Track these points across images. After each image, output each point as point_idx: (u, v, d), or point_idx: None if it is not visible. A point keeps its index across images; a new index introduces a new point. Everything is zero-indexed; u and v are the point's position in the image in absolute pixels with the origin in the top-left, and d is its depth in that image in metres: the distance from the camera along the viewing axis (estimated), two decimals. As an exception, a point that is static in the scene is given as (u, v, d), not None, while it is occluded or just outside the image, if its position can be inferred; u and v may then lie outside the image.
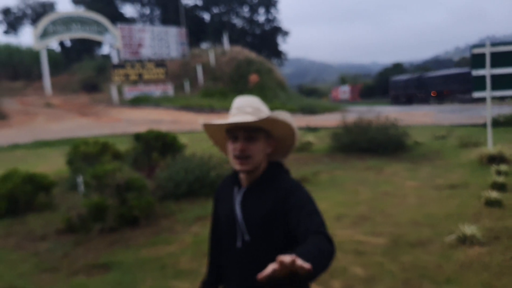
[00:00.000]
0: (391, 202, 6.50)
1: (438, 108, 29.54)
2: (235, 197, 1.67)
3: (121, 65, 32.84)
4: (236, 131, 1.60)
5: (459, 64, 67.48)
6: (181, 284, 4.10)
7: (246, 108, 1.62)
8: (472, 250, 4.38)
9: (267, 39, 55.52)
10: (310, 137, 13.08)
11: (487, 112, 9.47)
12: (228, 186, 1.75)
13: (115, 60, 33.85)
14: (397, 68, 68.39)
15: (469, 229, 4.66)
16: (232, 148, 1.62)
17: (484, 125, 11.94)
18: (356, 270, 4.15)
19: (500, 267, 3.95)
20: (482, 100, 9.63)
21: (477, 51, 9.20)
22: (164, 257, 4.83)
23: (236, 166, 1.61)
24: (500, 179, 6.78)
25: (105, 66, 37.25)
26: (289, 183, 1.64)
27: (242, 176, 1.68)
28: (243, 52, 39.23)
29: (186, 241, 5.31)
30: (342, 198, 6.90)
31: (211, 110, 28.00)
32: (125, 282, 4.23)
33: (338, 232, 5.26)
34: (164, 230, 5.83)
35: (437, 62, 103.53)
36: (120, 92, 31.67)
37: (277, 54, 57.05)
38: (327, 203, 6.59)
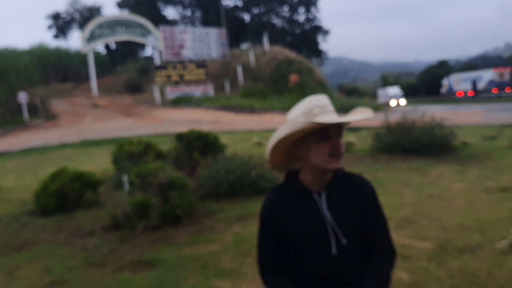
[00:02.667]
0: (437, 205, 6.27)
1: (487, 107, 28.38)
2: (318, 204, 1.60)
3: (163, 66, 33.49)
4: (331, 130, 1.55)
5: (510, 60, 64.66)
6: (222, 283, 4.10)
7: (329, 107, 1.59)
8: (527, 257, 4.15)
9: (307, 39, 55.16)
10: (351, 138, 12.85)
11: (541, 111, 8.98)
12: (291, 197, 1.63)
13: (157, 61, 34.56)
14: (443, 65, 66.38)
15: (523, 235, 4.42)
16: (327, 146, 1.55)
17: (537, 125, 11.34)
18: (401, 275, 4.01)
19: (558, 276, 3.71)
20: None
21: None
22: (205, 255, 4.86)
23: (333, 164, 1.55)
24: (557, 182, 6.41)
25: (147, 68, 38.17)
26: (365, 182, 1.73)
27: (309, 180, 1.62)
28: (283, 52, 39.15)
29: (227, 240, 5.32)
30: (385, 200, 6.68)
31: (251, 110, 28.07)
32: (168, 280, 4.28)
33: (382, 235, 5.11)
34: (205, 229, 5.87)
35: (485, 59, 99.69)
36: (162, 92, 32.32)
37: (317, 53, 56.58)
38: (370, 205, 6.43)
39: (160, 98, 31.91)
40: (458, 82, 46.96)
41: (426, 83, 65.03)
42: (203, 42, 36.09)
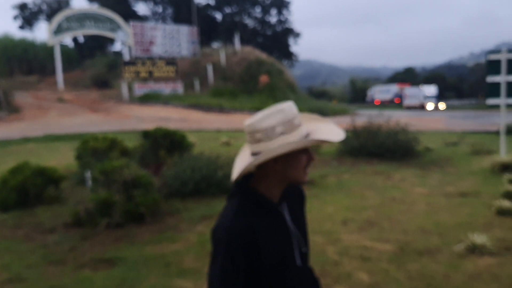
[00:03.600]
0: (399, 208, 6.41)
1: (450, 114, 29.27)
2: (283, 216, 1.51)
3: (132, 62, 32.94)
4: None
5: (473, 70, 66.89)
6: (184, 283, 4.07)
7: (299, 115, 1.50)
8: (482, 260, 4.30)
9: (278, 40, 55.41)
10: (319, 140, 12.99)
11: (501, 119, 9.34)
12: (261, 215, 1.44)
13: (126, 57, 33.96)
14: (409, 72, 68.04)
15: (479, 239, 4.57)
16: (305, 159, 1.48)
17: (497, 133, 11.77)
18: (361, 276, 4.09)
19: (510, 279, 3.86)
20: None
21: (493, 57, 9.08)
22: (168, 255, 4.81)
23: (305, 177, 1.50)
24: (512, 188, 6.66)
25: (116, 63, 37.45)
26: (301, 187, 1.70)
27: (271, 193, 1.48)
28: (254, 53, 39.19)
29: (191, 240, 5.28)
30: (349, 202, 6.83)
31: (220, 109, 28.01)
32: (129, 278, 4.22)
33: (344, 236, 5.20)
34: (169, 228, 5.81)
35: (450, 67, 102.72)
36: (130, 89, 31.79)
37: (288, 55, 56.91)
38: (333, 207, 6.53)
39: (128, 94, 31.38)
40: (377, 93, 57.11)
41: (393, 89, 66.39)
42: (174, 39, 35.68)
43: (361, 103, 58.78)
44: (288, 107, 1.44)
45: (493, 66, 9.04)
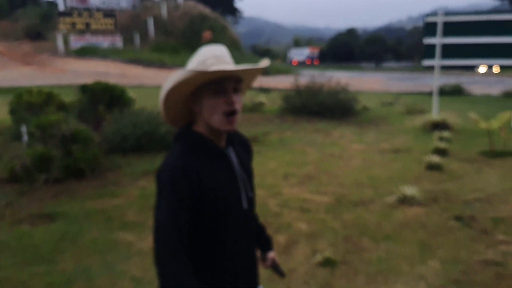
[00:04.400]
0: (337, 163, 6.69)
1: (388, 76, 30.28)
2: (230, 159, 1.51)
3: (68, 13, 31.03)
4: (225, 82, 1.39)
5: (411, 33, 68.96)
6: (127, 235, 4.08)
7: (225, 58, 1.44)
8: (411, 210, 4.63)
9: (222, -5, 54.08)
10: (262, 98, 13.09)
11: (435, 80, 9.83)
12: (204, 157, 1.44)
13: (61, 7, 31.87)
14: (351, 33, 69.02)
15: (409, 191, 4.90)
16: (221, 102, 1.40)
17: (430, 93, 12.40)
18: (300, 226, 4.28)
19: (436, 227, 4.20)
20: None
21: (430, 19, 9.46)
22: (110, 209, 4.77)
23: (226, 126, 1.42)
24: (442, 145, 7.14)
25: (51, 14, 35.14)
26: (245, 136, 1.71)
27: (216, 138, 1.46)
28: (197, 7, 38.10)
29: (132, 195, 5.26)
30: (290, 158, 7.03)
31: (162, 65, 27.26)
32: (70, 232, 4.16)
33: (285, 190, 5.38)
34: (110, 183, 5.73)
35: (390, 30, 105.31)
36: (65, 41, 30.08)
37: (232, 11, 55.88)
38: (276, 162, 6.70)
39: (64, 47, 29.72)
40: (294, 55, 62.79)
41: (335, 49, 67.42)
42: (112, -11, 33.83)
43: (340, 62, 62.56)
44: (204, 50, 1.45)
45: (430, 28, 9.46)
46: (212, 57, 1.42)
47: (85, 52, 28.98)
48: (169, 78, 1.41)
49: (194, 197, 1.36)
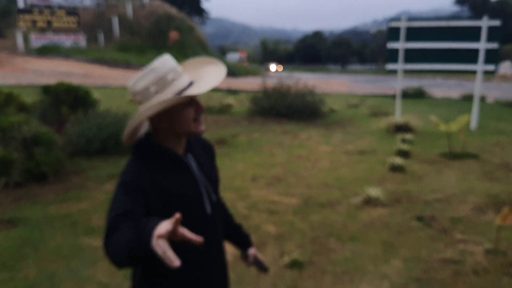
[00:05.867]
0: (304, 165, 6.78)
1: (353, 78, 30.84)
2: (189, 166, 1.51)
3: (28, 10, 30.10)
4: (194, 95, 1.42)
5: (375, 36, 70.47)
6: (92, 240, 4.01)
7: (178, 69, 1.44)
8: (375, 211, 4.75)
9: (189, -5, 53.74)
10: (230, 100, 13.09)
11: (398, 83, 10.10)
12: (161, 165, 1.45)
13: (20, 4, 30.88)
14: (317, 36, 69.91)
15: (373, 192, 5.03)
16: (192, 111, 1.42)
17: (394, 96, 12.72)
18: (268, 227, 4.32)
19: (399, 227, 4.33)
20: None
21: (393, 24, 9.68)
22: (74, 214, 4.67)
23: (199, 128, 1.44)
24: (405, 146, 7.34)
25: (10, 10, 33.97)
26: (209, 142, 1.73)
27: (170, 145, 1.47)
28: (163, 7, 37.71)
29: (98, 199, 5.16)
30: (258, 160, 7.07)
31: (127, 65, 26.85)
32: (32, 238, 4.05)
33: (253, 192, 5.41)
34: (74, 187, 5.61)
35: (355, 33, 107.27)
36: (26, 40, 29.16)
37: (199, 11, 55.61)
38: (244, 164, 6.73)
39: (24, 46, 28.80)
40: (231, 57, 64.25)
41: (302, 51, 68.16)
42: (75, -13, 33.07)
43: (307, 64, 63.11)
44: (159, 64, 1.40)
45: (394, 33, 9.66)
46: (170, 71, 1.39)
47: (46, 51, 28.18)
48: (143, 111, 1.36)
49: (150, 204, 1.34)
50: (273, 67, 57.10)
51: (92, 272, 3.43)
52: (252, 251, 1.85)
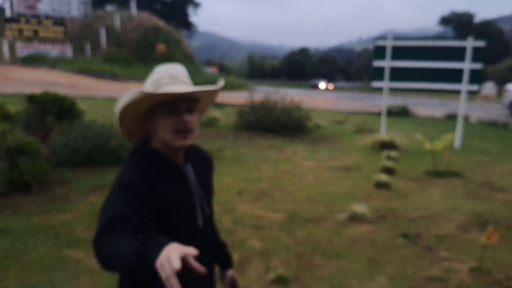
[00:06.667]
0: (290, 180, 6.79)
1: (338, 95, 31.15)
2: (186, 175, 1.50)
3: (15, 19, 29.84)
4: (178, 103, 1.39)
5: (360, 54, 71.52)
6: (75, 252, 3.94)
7: (181, 77, 1.45)
8: (361, 227, 4.76)
9: (177, 9, 53.98)
10: (216, 113, 13.09)
11: (383, 101, 10.22)
12: (158, 171, 1.44)
13: (7, 13, 30.63)
14: (303, 52, 70.67)
15: (359, 208, 5.05)
16: (173, 122, 1.40)
17: (379, 114, 12.87)
18: (254, 243, 4.30)
19: (384, 243, 4.34)
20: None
21: (380, 43, 9.83)
22: (58, 225, 4.59)
23: (178, 142, 1.41)
24: (390, 163, 7.41)
25: (-5, 18, 33.64)
26: (209, 154, 1.74)
27: (166, 153, 1.46)
28: (151, 20, 37.73)
29: (82, 210, 5.08)
30: (244, 174, 7.06)
31: (113, 77, 26.72)
32: (14, 249, 3.96)
33: (239, 206, 5.39)
34: (58, 197, 5.51)
35: (341, 51, 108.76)
36: (11, 49, 28.87)
37: (187, 25, 55.86)
38: (230, 178, 6.70)
39: (9, 55, 28.48)
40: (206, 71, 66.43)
41: (288, 67, 68.76)
42: (63, -3, 32.92)
43: (293, 80, 62.82)
44: (161, 68, 1.46)
45: (379, 52, 9.81)
46: (167, 77, 1.42)
47: (32, 60, 27.90)
48: (122, 97, 1.41)
49: (144, 210, 1.33)
50: (322, 85, 49.13)
51: (74, 284, 3.36)
52: (230, 272, 1.86)
